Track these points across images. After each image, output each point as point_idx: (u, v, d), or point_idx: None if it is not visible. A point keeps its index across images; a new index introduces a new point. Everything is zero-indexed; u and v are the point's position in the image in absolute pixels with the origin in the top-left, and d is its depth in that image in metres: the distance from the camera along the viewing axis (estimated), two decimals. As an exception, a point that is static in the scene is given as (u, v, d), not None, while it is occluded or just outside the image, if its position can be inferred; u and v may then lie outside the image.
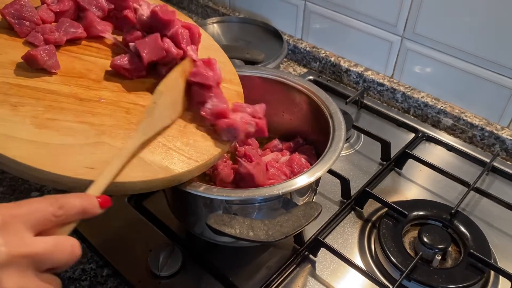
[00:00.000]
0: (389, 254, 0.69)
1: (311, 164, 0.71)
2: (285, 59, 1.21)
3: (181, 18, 0.72)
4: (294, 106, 0.76)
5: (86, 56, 0.62)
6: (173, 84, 0.61)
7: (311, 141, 0.77)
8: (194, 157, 0.56)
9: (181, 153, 0.56)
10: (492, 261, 0.70)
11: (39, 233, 0.39)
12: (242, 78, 0.76)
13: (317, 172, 0.59)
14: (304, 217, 0.53)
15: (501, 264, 0.72)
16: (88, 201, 0.43)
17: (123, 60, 0.61)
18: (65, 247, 0.40)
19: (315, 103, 0.72)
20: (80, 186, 0.47)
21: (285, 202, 0.59)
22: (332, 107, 0.70)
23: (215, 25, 1.21)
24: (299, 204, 0.61)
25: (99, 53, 0.64)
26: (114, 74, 0.62)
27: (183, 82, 0.63)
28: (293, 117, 0.78)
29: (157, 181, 0.52)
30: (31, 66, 0.56)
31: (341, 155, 0.90)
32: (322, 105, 0.71)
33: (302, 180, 0.57)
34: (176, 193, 0.65)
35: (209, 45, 0.75)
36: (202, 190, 0.55)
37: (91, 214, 0.43)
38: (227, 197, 0.55)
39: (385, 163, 0.89)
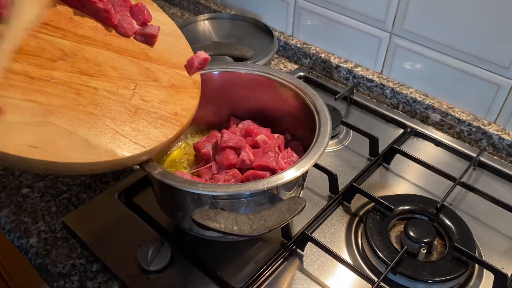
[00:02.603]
0: (375, 248, 0.70)
1: (299, 158, 0.72)
2: (276, 56, 1.22)
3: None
4: (282, 102, 0.77)
5: (42, 34, 0.61)
6: None
7: (299, 137, 0.78)
8: (142, 143, 0.57)
9: (129, 138, 0.57)
10: (476, 254, 0.71)
11: None
12: (230, 75, 0.77)
13: (302, 167, 0.59)
14: (288, 211, 0.53)
15: (485, 257, 0.73)
16: None
17: None
18: None
19: (302, 99, 0.73)
20: (23, 164, 0.48)
21: (271, 197, 0.60)
22: (319, 103, 0.70)
23: (206, 21, 1.22)
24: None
25: (55, 32, 0.63)
26: (69, 54, 0.61)
27: None
28: (281, 113, 0.78)
29: (101, 164, 0.53)
30: None
31: (330, 150, 0.92)
32: (309, 101, 0.72)
33: (287, 175, 0.58)
34: (164, 188, 0.66)
35: (171, 31, 0.76)
36: (188, 185, 0.56)
37: None
38: (213, 192, 0.56)
39: (373, 158, 0.90)
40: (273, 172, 0.64)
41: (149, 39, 0.71)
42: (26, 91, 0.53)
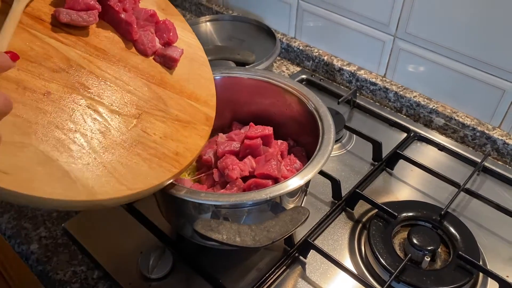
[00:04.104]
0: (379, 256, 0.70)
1: (302, 165, 0.71)
2: (278, 58, 1.21)
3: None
4: (285, 108, 0.76)
5: (50, 39, 0.55)
6: None
7: (302, 143, 0.77)
8: (128, 184, 0.50)
9: (115, 175, 0.49)
10: (481, 262, 0.70)
11: None
12: (233, 80, 0.76)
13: (305, 176, 0.59)
14: (291, 222, 0.53)
15: (490, 264, 0.72)
16: (1, 58, 0.45)
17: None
18: None
19: (305, 105, 0.72)
20: None
21: (274, 205, 0.59)
22: (322, 109, 0.70)
23: (208, 23, 1.21)
24: (288, 207, 0.61)
25: (66, 38, 0.56)
26: (75, 66, 0.55)
27: None
28: (284, 119, 0.78)
29: (76, 203, 0.46)
30: None
31: (333, 155, 0.91)
32: (312, 108, 0.71)
33: (290, 184, 0.57)
34: (165, 196, 0.65)
35: (196, 56, 0.71)
36: (190, 194, 0.55)
37: (6, 68, 0.45)
38: (215, 202, 0.55)
39: (376, 163, 0.89)
40: (276, 180, 0.64)
41: (168, 62, 0.64)
42: (13, 104, 0.45)
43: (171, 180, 0.55)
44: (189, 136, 0.60)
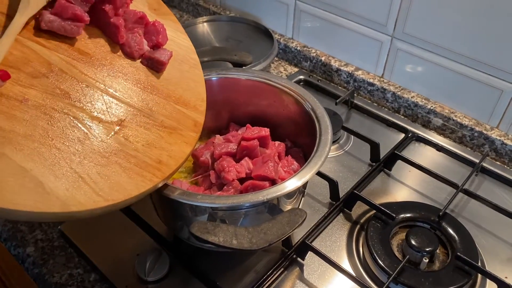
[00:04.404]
0: (377, 257, 0.69)
1: (300, 167, 0.71)
2: (276, 59, 1.20)
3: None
4: (282, 109, 0.76)
5: (31, 42, 0.52)
6: None
7: (299, 143, 0.77)
8: (105, 195, 0.48)
9: (92, 186, 0.47)
10: (479, 263, 0.70)
11: None
12: (230, 81, 0.76)
13: (302, 177, 0.58)
14: (288, 224, 0.53)
15: (488, 265, 0.72)
16: None
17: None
18: None
19: (303, 106, 0.72)
20: None
21: (271, 207, 0.59)
22: (319, 110, 0.69)
23: (205, 24, 1.21)
24: (286, 208, 0.61)
25: (48, 41, 0.54)
26: (56, 70, 0.53)
27: None
28: (281, 120, 0.77)
29: (49, 215, 0.44)
30: None
31: (330, 155, 0.91)
32: (309, 108, 0.70)
33: (287, 186, 0.57)
34: (161, 198, 0.65)
35: (187, 58, 0.68)
36: (186, 197, 0.55)
37: None
38: (212, 204, 0.55)
39: (374, 164, 0.89)
40: (273, 182, 0.63)
41: (156, 65, 0.62)
42: None
43: (153, 190, 0.53)
44: (174, 143, 0.58)
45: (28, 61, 0.51)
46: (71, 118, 0.51)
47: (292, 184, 0.57)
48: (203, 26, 1.21)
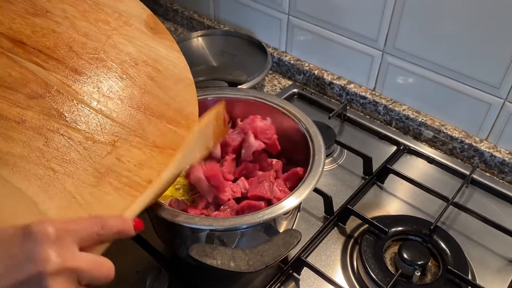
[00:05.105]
0: (370, 272, 0.71)
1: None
2: (270, 72, 1.22)
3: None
4: (276, 127, 0.78)
5: (29, 63, 0.54)
6: (207, 125, 0.62)
7: (294, 160, 0.78)
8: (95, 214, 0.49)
9: (83, 206, 0.49)
10: (470, 275, 0.72)
11: (81, 249, 0.41)
12: (225, 100, 0.77)
13: (298, 197, 0.60)
14: (284, 245, 0.54)
15: (478, 277, 0.74)
16: (124, 224, 0.46)
17: None
18: (104, 267, 0.42)
19: (296, 125, 0.74)
20: None
21: (267, 227, 0.61)
22: (313, 129, 0.71)
23: (199, 38, 1.23)
24: (282, 225, 0.63)
25: (47, 61, 0.56)
26: (53, 91, 0.54)
27: (214, 123, 0.64)
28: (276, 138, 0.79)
29: None
30: None
31: (324, 170, 0.92)
32: (303, 128, 0.72)
33: (283, 207, 0.59)
34: (160, 218, 0.66)
35: (182, 77, 0.69)
36: (185, 220, 0.57)
37: (126, 235, 0.46)
38: (210, 227, 0.57)
39: (367, 177, 0.91)
40: (269, 201, 0.65)
41: None
42: None
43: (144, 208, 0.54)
44: (164, 163, 0.58)
45: (26, 82, 0.53)
46: (66, 139, 0.53)
47: (287, 204, 0.59)
48: (198, 41, 1.22)
